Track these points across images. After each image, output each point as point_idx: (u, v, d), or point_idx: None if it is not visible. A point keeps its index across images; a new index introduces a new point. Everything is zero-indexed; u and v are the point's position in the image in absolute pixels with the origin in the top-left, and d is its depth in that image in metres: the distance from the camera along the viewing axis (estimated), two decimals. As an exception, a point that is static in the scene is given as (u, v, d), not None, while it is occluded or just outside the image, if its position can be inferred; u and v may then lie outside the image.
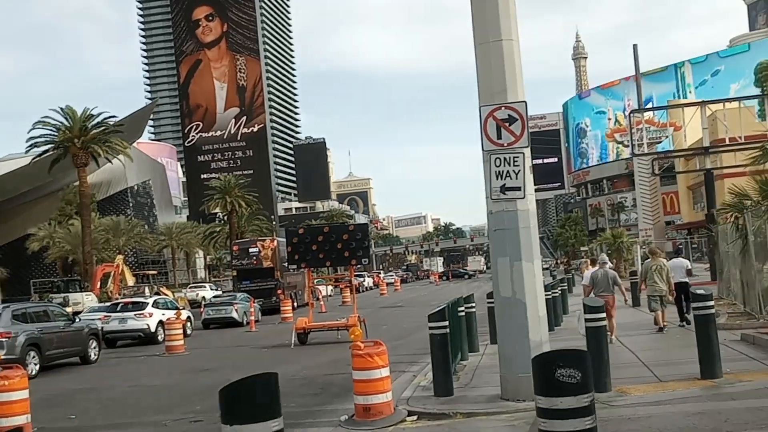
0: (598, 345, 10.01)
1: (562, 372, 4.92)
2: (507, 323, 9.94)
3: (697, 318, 10.33)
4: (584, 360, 5.09)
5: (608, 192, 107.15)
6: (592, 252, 51.67)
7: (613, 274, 15.51)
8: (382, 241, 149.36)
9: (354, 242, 19.94)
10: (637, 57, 65.09)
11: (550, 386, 5.11)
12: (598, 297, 14.26)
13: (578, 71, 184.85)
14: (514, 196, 9.79)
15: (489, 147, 9.87)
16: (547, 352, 5.84)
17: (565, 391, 5.04)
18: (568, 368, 4.91)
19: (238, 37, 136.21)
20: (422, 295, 49.37)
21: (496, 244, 10.03)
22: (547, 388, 5.14)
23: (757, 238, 16.16)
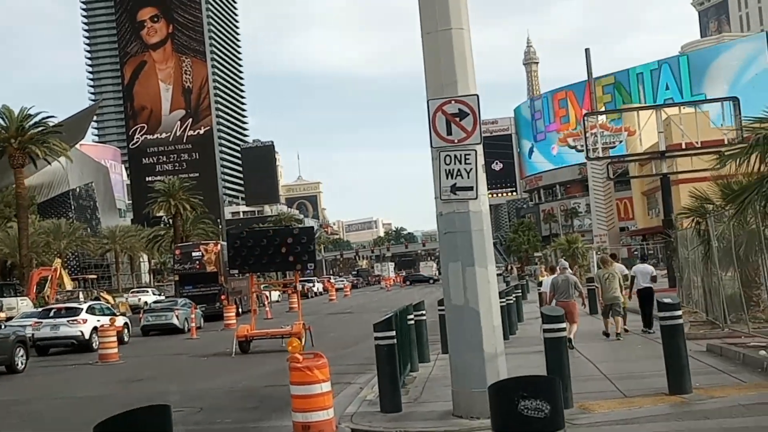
0: (559, 357, 9.14)
1: (527, 404, 3.85)
2: (459, 334, 9.01)
3: (665, 329, 9.50)
4: (554, 389, 4.02)
5: (561, 197, 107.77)
6: (546, 258, 51.39)
7: (574, 280, 15.33)
8: (332, 245, 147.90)
9: (299, 246, 19.03)
10: (590, 61, 65.33)
11: (511, 421, 4.04)
12: (560, 303, 14.32)
13: (530, 76, 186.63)
14: (466, 197, 8.88)
15: (438, 143, 8.96)
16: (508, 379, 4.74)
17: (530, 426, 3.99)
18: (534, 399, 3.84)
19: (183, 39, 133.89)
20: (373, 301, 48.49)
21: (447, 248, 9.08)
22: (507, 423, 4.07)
23: (720, 243, 15.55)
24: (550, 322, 9.18)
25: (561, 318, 9.20)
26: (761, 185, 10.55)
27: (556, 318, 9.16)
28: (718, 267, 15.54)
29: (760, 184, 10.58)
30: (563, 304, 14.36)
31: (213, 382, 14.85)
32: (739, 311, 15.72)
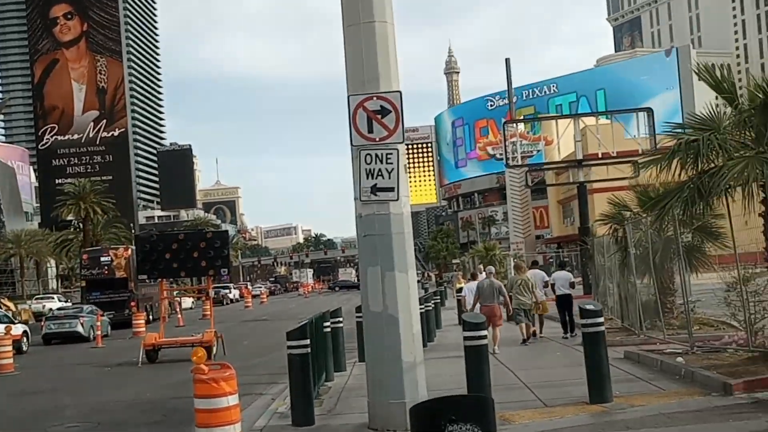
0: (479, 366, 8.75)
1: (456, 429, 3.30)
2: (377, 342, 8.52)
3: (587, 336, 9.27)
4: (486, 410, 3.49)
5: (479, 206, 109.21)
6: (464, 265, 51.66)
7: (498, 285, 15.43)
8: (250, 251, 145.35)
9: (212, 251, 18.18)
10: (510, 71, 66.38)
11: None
12: (484, 307, 14.57)
13: (450, 85, 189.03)
14: (387, 198, 8.42)
15: (359, 141, 8.48)
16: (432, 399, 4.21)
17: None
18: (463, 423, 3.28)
19: (99, 38, 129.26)
20: (290, 308, 47.64)
21: (366, 251, 8.59)
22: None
23: (637, 250, 15.61)
24: (471, 329, 8.78)
25: (482, 325, 8.83)
26: (681, 191, 10.50)
27: (477, 325, 8.77)
28: (635, 274, 15.60)
29: (681, 190, 10.54)
30: (487, 308, 14.57)
31: (115, 394, 13.89)
32: (654, 318, 15.82)
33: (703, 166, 10.54)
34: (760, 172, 9.43)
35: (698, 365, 10.34)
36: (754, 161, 9.50)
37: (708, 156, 10.36)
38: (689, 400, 8.75)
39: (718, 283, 13.61)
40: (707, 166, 10.55)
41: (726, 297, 11.93)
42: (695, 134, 10.38)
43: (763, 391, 8.58)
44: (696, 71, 10.87)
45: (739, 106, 10.41)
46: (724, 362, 10.45)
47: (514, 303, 15.94)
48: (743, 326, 11.46)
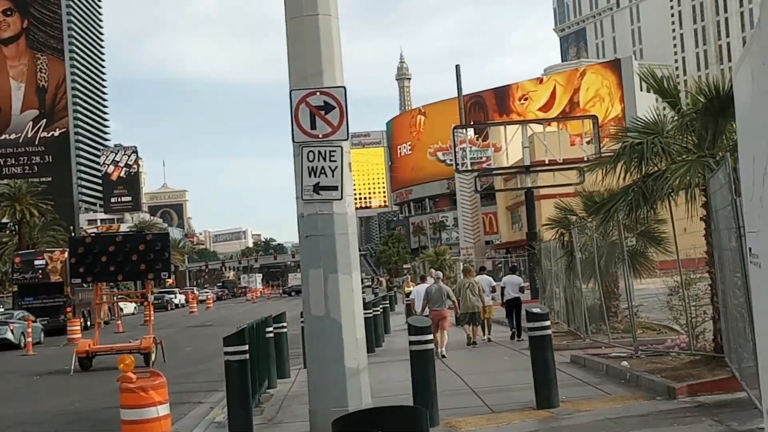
0: (425, 371, 8.54)
1: None
2: (319, 347, 8.23)
3: (533, 339, 9.14)
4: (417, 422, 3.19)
5: (430, 211, 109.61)
6: (415, 269, 51.63)
7: (447, 289, 15.60)
8: (197, 256, 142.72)
9: (152, 254, 17.49)
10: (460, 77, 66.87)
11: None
12: (433, 312, 14.69)
13: (402, 91, 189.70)
14: (330, 197, 8.15)
15: (301, 138, 8.20)
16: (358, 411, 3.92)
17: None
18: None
19: (40, 35, 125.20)
20: (236, 314, 46.80)
21: (308, 252, 8.31)
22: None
23: (583, 254, 15.66)
24: (417, 333, 8.57)
25: (428, 329, 8.62)
26: (626, 194, 10.49)
27: (423, 329, 8.56)
28: (580, 278, 15.64)
29: (626, 193, 10.53)
30: (436, 313, 14.73)
31: (41, 404, 13.22)
32: (599, 322, 15.90)
33: (647, 170, 10.54)
34: (701, 175, 9.45)
35: (643, 369, 10.32)
36: (696, 165, 9.52)
37: (652, 159, 10.37)
38: (635, 404, 8.69)
39: (661, 288, 13.80)
40: (651, 169, 10.56)
41: (669, 301, 12.03)
42: (639, 137, 10.38)
43: (705, 394, 8.57)
44: (641, 75, 10.88)
45: (682, 110, 10.45)
46: (668, 366, 10.45)
47: (462, 307, 16.08)
48: (685, 330, 11.53)
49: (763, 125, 3.04)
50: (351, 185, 8.48)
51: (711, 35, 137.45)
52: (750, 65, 3.34)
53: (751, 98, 3.48)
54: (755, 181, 3.46)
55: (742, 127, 4.17)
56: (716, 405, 8.14)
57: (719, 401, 8.26)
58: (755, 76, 3.20)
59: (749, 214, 3.98)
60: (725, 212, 8.63)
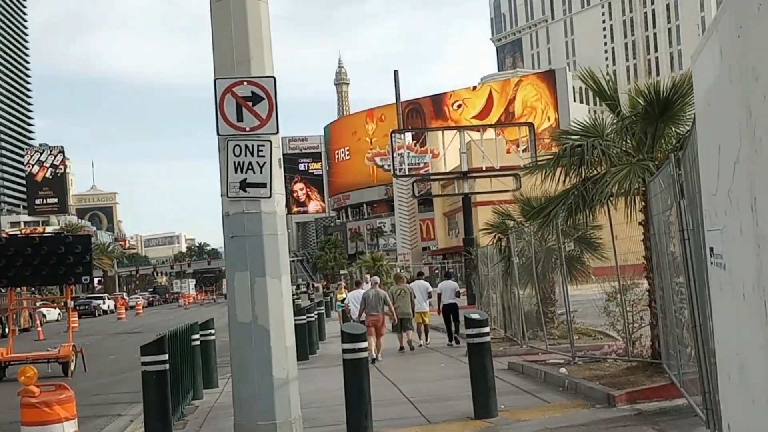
0: (359, 381, 8.10)
1: None
2: (244, 356, 7.68)
3: (471, 347, 8.79)
4: None
5: (368, 217, 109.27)
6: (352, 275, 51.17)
7: (384, 294, 15.64)
8: (128, 260, 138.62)
9: (72, 257, 16.51)
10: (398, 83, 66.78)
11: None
12: (370, 317, 14.88)
13: (340, 96, 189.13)
14: (258, 195, 7.63)
15: (226, 131, 7.66)
16: None
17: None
18: None
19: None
20: (166, 320, 45.46)
21: (234, 254, 7.76)
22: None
23: (520, 260, 15.49)
24: (351, 341, 8.12)
25: (362, 336, 8.18)
26: (566, 197, 10.28)
27: (356, 337, 8.11)
28: (518, 284, 15.47)
29: (565, 197, 10.32)
30: (373, 318, 14.95)
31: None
32: (536, 328, 15.78)
33: (587, 173, 10.37)
34: (641, 179, 9.29)
35: (581, 376, 10.11)
36: (636, 168, 9.37)
37: (592, 163, 10.20)
38: (574, 412, 8.43)
39: (597, 293, 13.70)
40: (591, 173, 10.40)
41: (606, 307, 11.90)
42: (580, 140, 10.19)
43: (645, 401, 8.37)
44: (581, 76, 10.72)
45: (621, 113, 10.31)
46: (606, 372, 10.28)
47: (396, 312, 16.05)
48: (622, 336, 11.42)
49: (734, 105, 2.70)
50: (281, 183, 7.98)
51: (641, 49, 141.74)
52: (718, 43, 3.02)
53: (716, 79, 3.16)
54: (721, 173, 3.15)
55: (703, 117, 3.83)
56: (656, 412, 7.94)
57: (659, 408, 8.07)
58: (724, 53, 2.87)
59: (710, 210, 3.64)
60: (664, 216, 8.49)
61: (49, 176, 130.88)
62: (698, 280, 6.19)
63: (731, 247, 3.01)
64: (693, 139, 5.73)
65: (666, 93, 9.25)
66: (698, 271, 6.05)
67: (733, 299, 3.06)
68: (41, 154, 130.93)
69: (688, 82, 9.40)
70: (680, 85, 9.26)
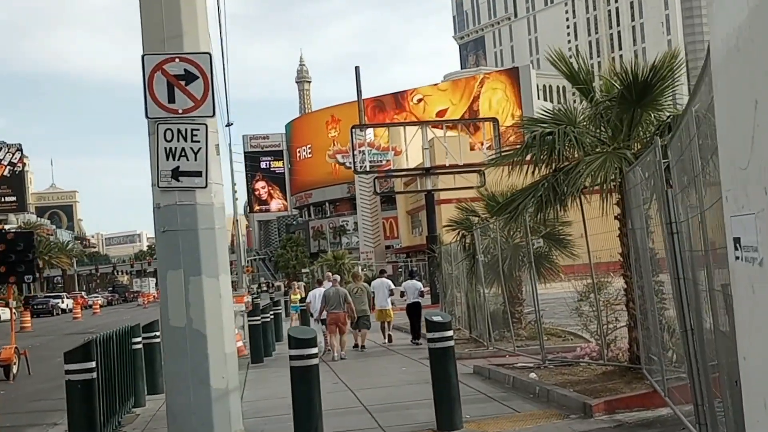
0: (308, 390, 7.27)
1: None
2: (178, 364, 6.84)
3: (433, 352, 7.98)
4: None
5: (330, 215, 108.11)
6: (313, 274, 50.18)
7: (344, 292, 15.72)
8: (88, 259, 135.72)
9: (14, 255, 15.49)
10: (359, 79, 65.84)
11: None
12: (331, 314, 15.11)
13: (302, 94, 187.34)
14: (193, 185, 6.80)
15: (156, 113, 6.82)
16: None
17: None
18: None
19: None
20: (123, 319, 43.90)
21: (166, 251, 6.91)
22: None
23: (485, 257, 14.77)
24: (299, 346, 7.28)
25: (311, 342, 7.33)
26: (536, 189, 9.55)
27: (305, 342, 7.27)
28: (483, 282, 14.75)
29: (535, 189, 9.59)
30: (334, 315, 15.16)
31: None
32: (502, 328, 15.09)
33: (558, 164, 9.66)
34: (617, 169, 8.60)
35: (553, 382, 9.39)
36: (612, 157, 8.67)
37: (563, 152, 9.48)
38: (547, 424, 7.68)
39: (567, 292, 13.04)
40: (561, 164, 9.68)
41: (578, 307, 11.24)
42: (550, 127, 9.46)
43: (624, 411, 7.66)
44: (551, 59, 9.99)
45: (595, 98, 9.61)
46: (580, 377, 9.57)
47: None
48: (596, 338, 10.76)
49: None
50: (219, 171, 7.13)
51: (604, 47, 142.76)
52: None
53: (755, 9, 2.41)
54: (758, 139, 2.39)
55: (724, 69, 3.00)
56: (638, 424, 7.23)
57: (641, 419, 7.35)
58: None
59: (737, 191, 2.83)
60: (644, 210, 7.81)
61: (7, 174, 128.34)
62: (690, 279, 5.48)
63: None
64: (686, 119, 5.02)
65: (645, 75, 8.56)
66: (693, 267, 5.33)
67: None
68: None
69: (668, 65, 8.74)
70: (660, 67, 8.59)
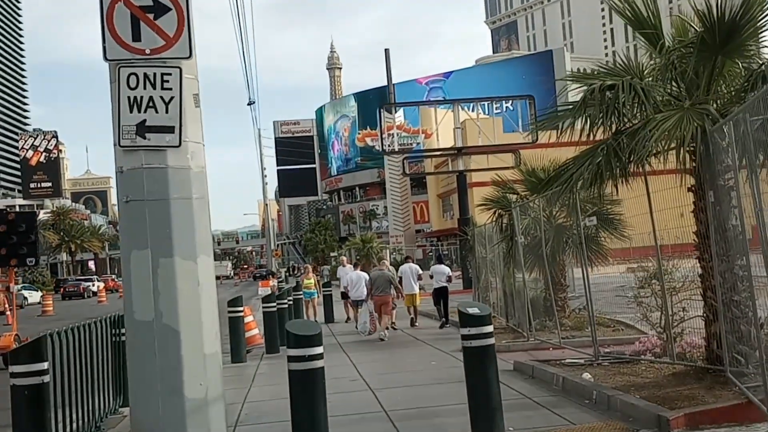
0: (310, 399, 5.84)
1: None
2: (144, 367, 5.40)
3: (469, 352, 6.42)
4: None
5: (360, 199, 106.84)
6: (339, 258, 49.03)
7: (390, 275, 15.76)
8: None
9: (15, 236, 15.03)
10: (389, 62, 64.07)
11: None
12: (376, 297, 15.31)
13: (333, 81, 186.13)
14: (163, 143, 5.36)
15: (117, 54, 5.38)
16: None
17: None
18: None
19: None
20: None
21: (129, 226, 5.46)
22: None
23: (525, 239, 13.17)
24: (299, 345, 5.82)
25: (315, 339, 5.84)
26: (594, 155, 7.93)
27: (307, 339, 5.79)
28: (523, 266, 13.16)
29: (593, 154, 7.97)
30: (380, 298, 15.28)
31: None
32: (543, 317, 13.55)
33: (619, 125, 8.03)
34: (698, 127, 6.94)
35: (612, 384, 7.82)
36: (691, 114, 7.03)
37: (625, 112, 7.84)
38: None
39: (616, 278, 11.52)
40: (624, 125, 8.06)
41: (637, 295, 9.62)
42: (612, 80, 7.82)
43: (710, 427, 6.07)
44: (612, 3, 8.30)
45: (666, 47, 7.93)
46: (645, 379, 7.97)
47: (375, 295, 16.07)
48: (658, 330, 9.15)
49: None
50: (200, 128, 5.65)
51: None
52: None
53: None
54: None
55: None
56: (733, 449, 5.65)
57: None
58: None
59: None
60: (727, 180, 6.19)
61: (43, 161, 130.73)
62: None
63: None
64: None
65: (734, 12, 6.86)
66: None
67: None
68: (35, 139, 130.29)
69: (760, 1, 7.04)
70: (753, 2, 6.89)
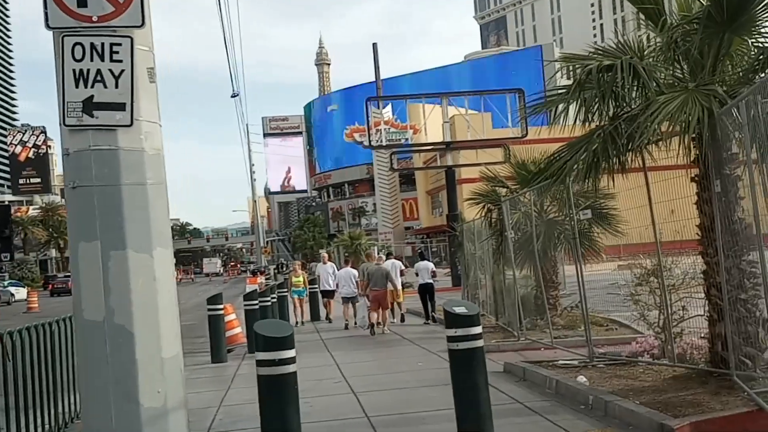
0: (282, 406, 5.32)
1: None
2: (95, 373, 4.85)
3: (456, 355, 5.90)
4: None
5: (350, 196, 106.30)
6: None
7: (386, 270, 15.74)
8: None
9: None
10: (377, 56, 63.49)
11: None
12: (373, 291, 15.28)
13: (321, 77, 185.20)
14: (113, 122, 4.81)
15: (61, 22, 4.83)
16: None
17: None
18: None
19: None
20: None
21: (77, 214, 4.90)
22: None
23: (516, 234, 12.67)
24: (268, 348, 5.27)
25: (286, 341, 5.30)
26: (590, 141, 7.42)
27: (277, 342, 5.25)
28: (513, 263, 12.65)
29: (589, 140, 7.46)
30: (377, 292, 15.29)
31: None
32: (534, 316, 13.07)
33: (617, 109, 7.52)
34: (705, 110, 6.43)
35: (609, 388, 7.31)
36: (697, 96, 6.52)
37: (623, 95, 7.33)
38: (612, 455, 5.61)
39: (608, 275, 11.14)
40: (622, 109, 7.55)
41: (633, 292, 9.14)
42: (609, 59, 7.30)
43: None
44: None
45: (669, 24, 7.42)
46: (643, 383, 7.47)
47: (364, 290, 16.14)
48: (656, 330, 8.67)
49: None
50: (156, 106, 5.08)
51: (630, 26, 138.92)
52: None
53: None
54: None
55: None
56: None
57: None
58: None
59: None
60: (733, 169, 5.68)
61: (32, 156, 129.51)
62: None
63: None
64: None
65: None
66: None
67: None
68: (23, 134, 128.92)
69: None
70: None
